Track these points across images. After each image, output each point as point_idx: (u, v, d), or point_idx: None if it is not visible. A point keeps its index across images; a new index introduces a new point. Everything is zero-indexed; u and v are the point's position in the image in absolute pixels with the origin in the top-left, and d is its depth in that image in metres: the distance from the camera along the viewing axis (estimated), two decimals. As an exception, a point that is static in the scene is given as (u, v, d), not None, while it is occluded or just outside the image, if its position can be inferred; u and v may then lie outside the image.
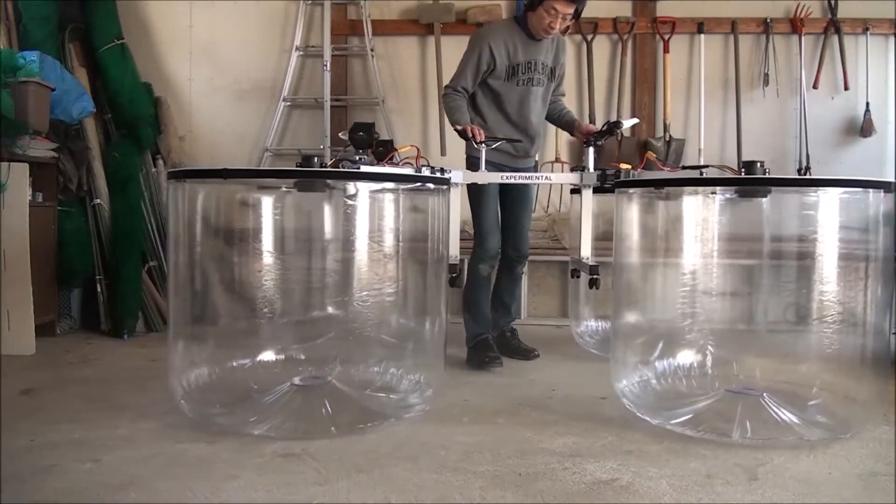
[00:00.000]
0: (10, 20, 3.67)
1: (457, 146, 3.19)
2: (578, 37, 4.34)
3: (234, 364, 2.49)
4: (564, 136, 4.32)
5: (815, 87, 4.23)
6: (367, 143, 2.44)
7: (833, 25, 4.22)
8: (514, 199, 3.08)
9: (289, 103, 4.37)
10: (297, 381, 2.35)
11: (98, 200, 3.74)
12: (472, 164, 2.98)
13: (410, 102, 4.45)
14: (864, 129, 4.21)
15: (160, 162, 4.17)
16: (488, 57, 2.91)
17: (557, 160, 4.30)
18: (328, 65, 4.28)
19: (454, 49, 4.31)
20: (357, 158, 2.33)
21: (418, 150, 2.55)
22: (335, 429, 2.07)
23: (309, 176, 2.11)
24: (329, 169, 2.19)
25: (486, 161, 2.95)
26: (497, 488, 1.74)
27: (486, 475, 1.81)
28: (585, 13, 4.26)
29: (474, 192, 2.99)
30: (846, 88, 4.22)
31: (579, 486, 1.76)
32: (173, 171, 2.23)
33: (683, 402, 2.26)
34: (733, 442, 2.03)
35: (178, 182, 2.22)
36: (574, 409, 2.41)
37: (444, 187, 2.45)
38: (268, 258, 2.43)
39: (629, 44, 4.34)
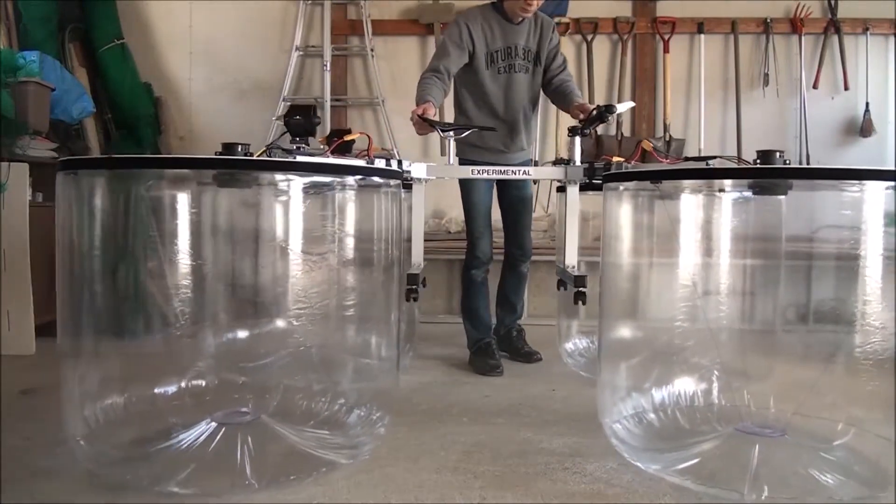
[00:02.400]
0: (10, 20, 3.67)
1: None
2: (578, 37, 4.34)
3: (146, 393, 2.06)
4: (565, 135, 4.31)
5: (815, 87, 4.24)
6: (305, 129, 2.08)
7: (833, 25, 4.22)
8: (512, 198, 3.01)
9: (289, 103, 4.36)
10: (219, 417, 1.94)
11: (98, 200, 3.74)
12: (462, 165, 2.91)
13: (410, 102, 4.39)
14: (864, 129, 4.22)
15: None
16: (468, 38, 2.79)
17: (559, 160, 4.29)
18: (328, 65, 4.29)
19: (454, 49, 4.32)
20: (294, 147, 2.01)
21: (370, 138, 2.20)
22: (256, 483, 1.70)
23: (219, 166, 1.70)
24: (245, 158, 1.74)
25: (478, 162, 2.84)
26: (497, 488, 1.73)
27: (486, 475, 1.81)
28: (585, 13, 4.31)
29: (465, 195, 2.93)
30: (846, 88, 4.22)
31: (579, 486, 1.76)
32: (63, 161, 1.80)
33: (684, 444, 1.88)
34: (745, 502, 1.64)
35: (69, 174, 1.77)
36: (574, 409, 2.41)
37: (394, 182, 2.04)
38: (183, 266, 2.01)
39: (629, 44, 4.34)
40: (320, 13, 4.37)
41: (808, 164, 4.19)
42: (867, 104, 4.20)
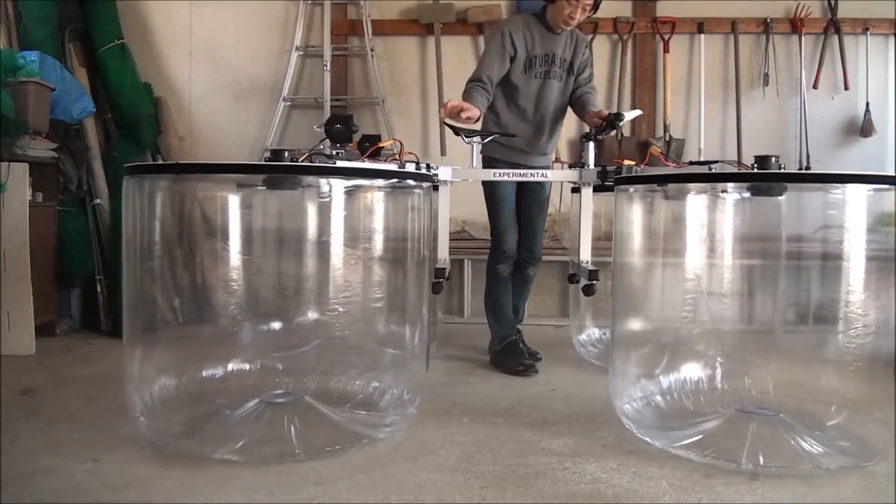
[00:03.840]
0: (10, 20, 3.67)
1: (458, 146, 3.15)
2: (578, 37, 4.34)
3: (198, 376, 2.28)
4: (565, 136, 4.31)
5: (815, 87, 4.24)
6: (345, 137, 2.26)
7: (833, 25, 4.22)
8: (528, 199, 3.04)
9: (289, 103, 4.37)
10: (266, 397, 2.18)
11: (98, 200, 3.74)
12: (488, 164, 2.95)
13: (410, 102, 4.45)
14: (864, 129, 4.21)
15: (160, 162, 4.18)
16: (510, 45, 2.86)
17: (557, 160, 4.29)
18: (328, 65, 4.28)
19: (454, 49, 4.33)
20: (334, 153, 2.16)
21: (402, 144, 2.35)
22: (303, 452, 1.89)
23: (274, 171, 1.93)
24: (298, 164, 1.97)
25: (500, 160, 2.94)
26: (497, 488, 1.73)
27: (486, 475, 1.81)
28: (585, 13, 4.31)
29: (489, 192, 2.97)
30: (846, 88, 4.22)
31: (579, 486, 1.76)
32: (130, 167, 2.01)
33: (689, 423, 2.06)
34: (742, 470, 1.82)
35: (135, 178, 2.00)
36: (574, 409, 2.41)
37: (426, 185, 2.25)
38: (235, 261, 2.24)
39: (629, 44, 4.34)
40: (320, 13, 4.37)
41: (808, 164, 4.20)
42: (867, 104, 4.20)
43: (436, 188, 2.58)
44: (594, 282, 2.51)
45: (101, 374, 2.86)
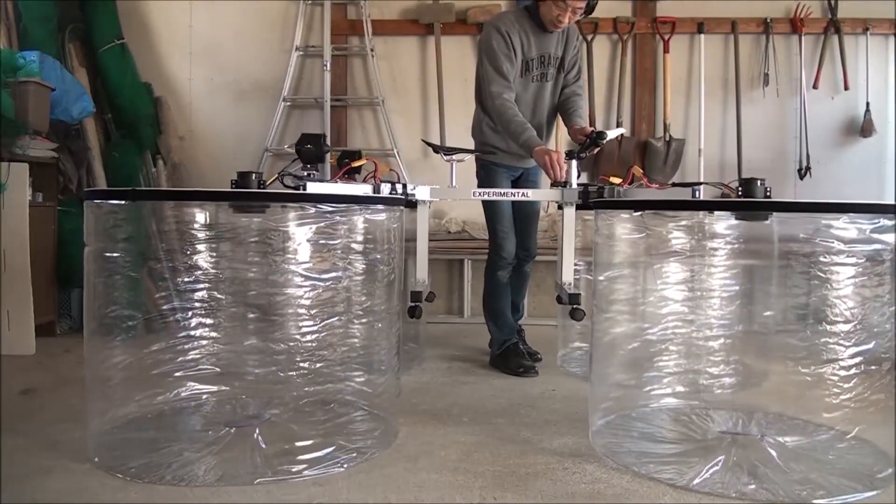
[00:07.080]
0: (10, 20, 3.67)
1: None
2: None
3: (159, 401, 2.16)
4: (563, 142, 4.32)
5: (815, 87, 4.24)
6: (316, 157, 2.23)
7: (833, 25, 4.22)
8: (523, 202, 3.00)
9: (289, 103, 4.37)
10: (231, 417, 2.11)
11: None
12: (487, 168, 2.93)
13: (410, 102, 4.45)
14: (864, 129, 4.22)
15: (160, 162, 4.18)
16: (511, 46, 2.74)
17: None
18: (328, 65, 4.28)
19: (454, 49, 4.33)
20: (305, 175, 2.09)
21: (376, 165, 2.31)
22: (266, 474, 1.78)
23: (231, 198, 1.88)
24: (260, 191, 1.90)
25: (497, 165, 2.91)
26: (497, 488, 1.73)
27: (486, 475, 1.81)
28: (585, 13, 4.31)
29: (486, 200, 2.93)
30: (846, 88, 4.22)
31: (579, 486, 1.76)
32: (89, 192, 1.99)
33: (665, 444, 1.98)
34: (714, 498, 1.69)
35: (94, 202, 1.96)
36: (574, 408, 2.41)
37: (397, 208, 2.16)
38: (200, 283, 2.15)
39: (629, 44, 4.34)
40: (320, 13, 4.37)
41: (807, 163, 4.20)
42: (867, 104, 4.20)
43: (414, 206, 2.55)
44: (578, 305, 2.37)
45: (101, 374, 2.85)
